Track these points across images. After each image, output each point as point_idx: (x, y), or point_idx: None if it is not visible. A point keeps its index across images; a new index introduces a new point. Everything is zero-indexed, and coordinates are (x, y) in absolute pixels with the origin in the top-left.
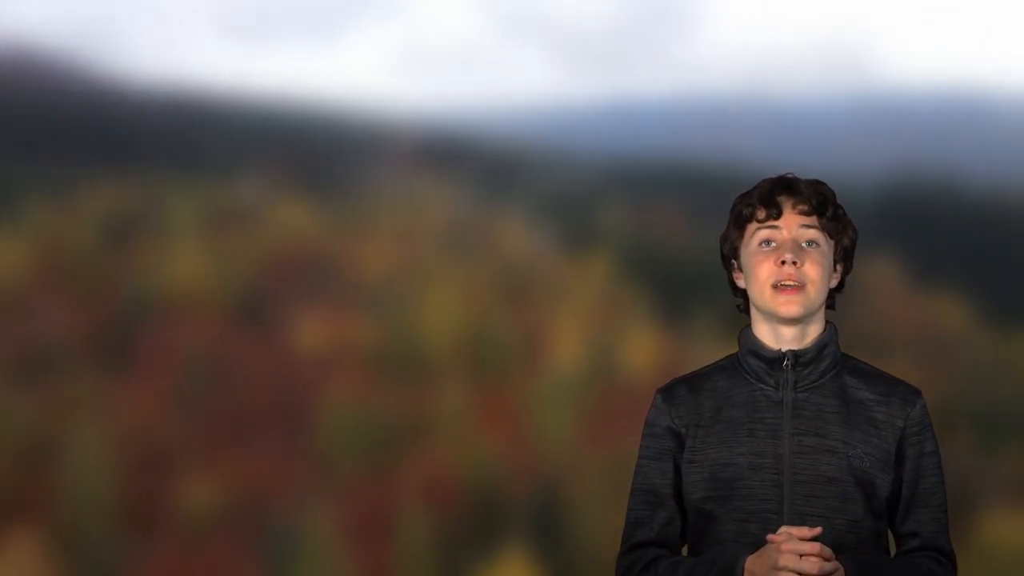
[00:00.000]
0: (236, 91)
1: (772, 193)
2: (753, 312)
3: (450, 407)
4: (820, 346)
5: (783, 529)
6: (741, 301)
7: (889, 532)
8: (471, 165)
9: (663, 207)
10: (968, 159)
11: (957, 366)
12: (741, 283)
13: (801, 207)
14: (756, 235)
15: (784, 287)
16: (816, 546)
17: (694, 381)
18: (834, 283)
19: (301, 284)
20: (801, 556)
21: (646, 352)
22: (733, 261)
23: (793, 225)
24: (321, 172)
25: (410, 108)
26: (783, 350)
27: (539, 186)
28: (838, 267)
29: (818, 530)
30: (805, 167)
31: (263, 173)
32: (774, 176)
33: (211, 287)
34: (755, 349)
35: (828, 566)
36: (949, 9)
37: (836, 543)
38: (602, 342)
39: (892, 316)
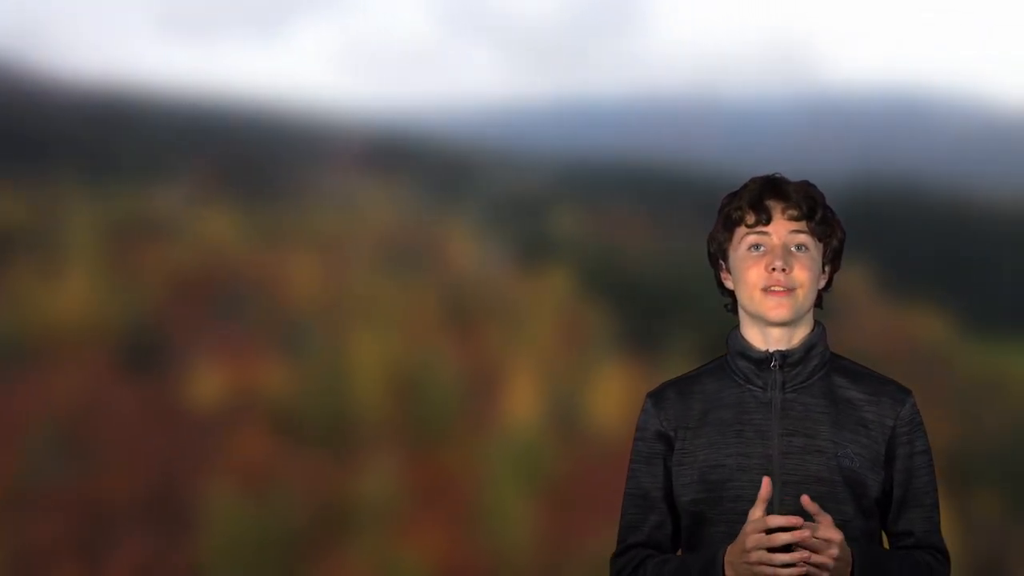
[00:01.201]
0: (167, 91)
1: (761, 197)
2: (741, 313)
3: (376, 489)
4: (808, 346)
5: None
6: (729, 301)
7: (881, 532)
8: (418, 169)
9: (620, 212)
10: (918, 160)
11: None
12: (729, 284)
13: (791, 212)
14: (745, 239)
15: (773, 291)
16: (782, 518)
17: (683, 384)
18: (822, 284)
19: (208, 316)
20: (770, 533)
21: (616, 395)
22: (721, 261)
23: (783, 231)
24: (253, 179)
25: (354, 109)
26: (771, 351)
27: (490, 190)
28: (826, 268)
29: (797, 520)
30: (759, 167)
31: (186, 180)
32: (762, 176)
33: (97, 321)
34: (743, 351)
35: (786, 537)
36: (899, 9)
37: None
38: (563, 386)
39: (859, 322)
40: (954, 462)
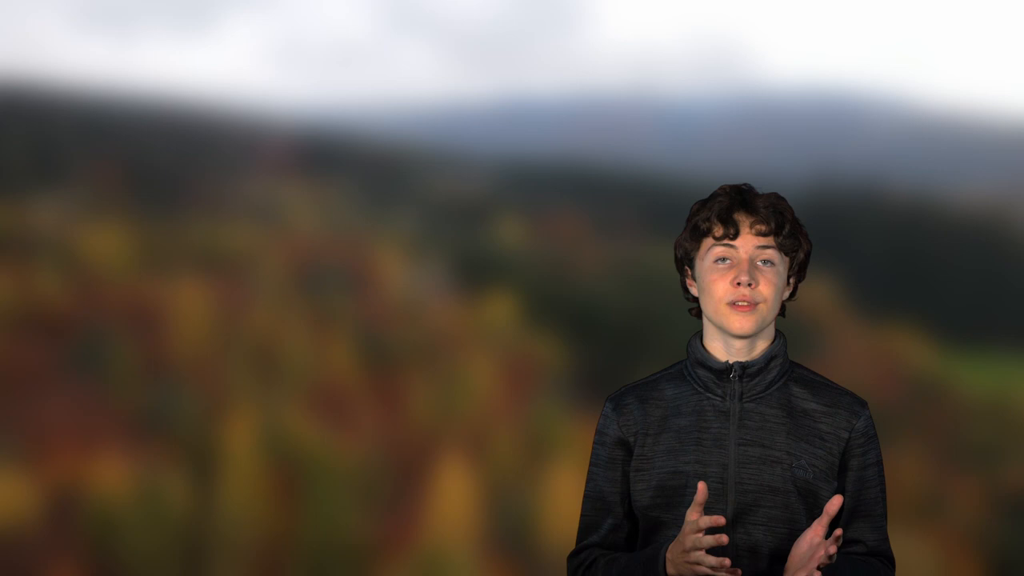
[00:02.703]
0: (73, 86)
1: (730, 210)
2: (705, 321)
3: None
4: (768, 358)
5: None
6: (694, 306)
7: None
8: (349, 173)
9: (563, 218)
10: (851, 158)
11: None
12: (694, 290)
13: (758, 227)
14: (712, 251)
15: (738, 306)
16: (708, 519)
17: (642, 390)
18: (786, 294)
19: (53, 365)
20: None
21: (576, 485)
22: (687, 268)
23: (750, 245)
24: (155, 187)
25: (281, 108)
26: (730, 362)
27: (426, 196)
28: (791, 280)
29: (720, 520)
30: (698, 167)
31: (77, 188)
32: (731, 186)
33: None
34: (703, 360)
35: (711, 540)
36: (833, 10)
37: (779, 551)
38: (508, 478)
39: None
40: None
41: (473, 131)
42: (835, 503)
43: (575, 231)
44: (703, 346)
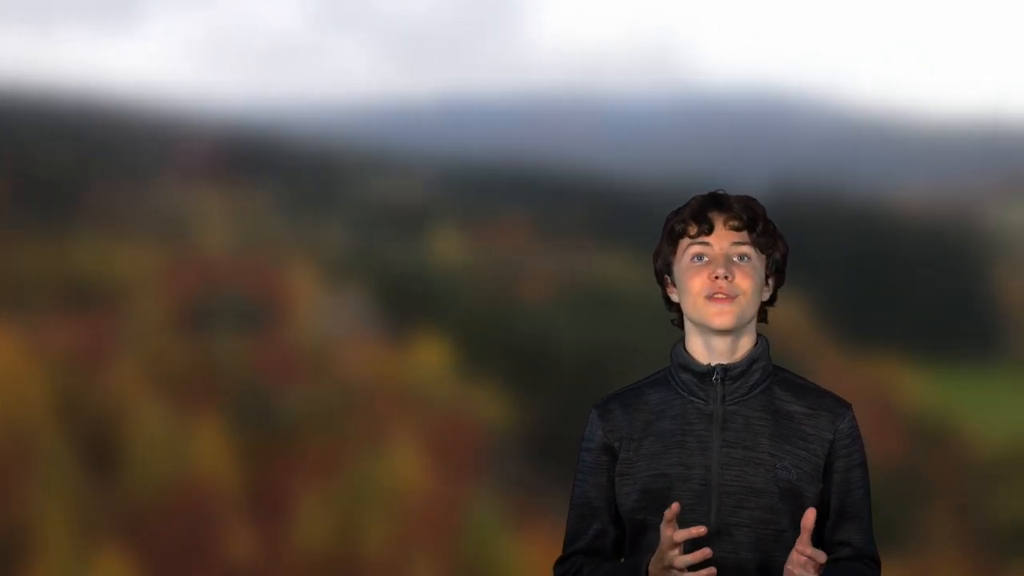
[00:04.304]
0: None
1: (704, 209)
2: (687, 325)
3: None
4: (750, 360)
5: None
6: (676, 316)
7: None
8: (274, 178)
9: (506, 228)
10: (788, 159)
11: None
12: (675, 297)
13: (732, 223)
14: (688, 250)
15: (716, 298)
16: (684, 532)
17: (627, 396)
18: (766, 296)
19: None
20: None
21: None
22: (666, 276)
23: (725, 240)
24: (44, 198)
25: (203, 107)
26: (713, 364)
27: (356, 203)
28: (770, 281)
29: (701, 530)
30: (637, 167)
31: None
32: (704, 193)
33: None
34: (686, 364)
35: (689, 558)
36: (772, 11)
37: (762, 552)
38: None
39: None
40: None
41: (410, 133)
42: (810, 516)
43: (519, 241)
44: (685, 350)
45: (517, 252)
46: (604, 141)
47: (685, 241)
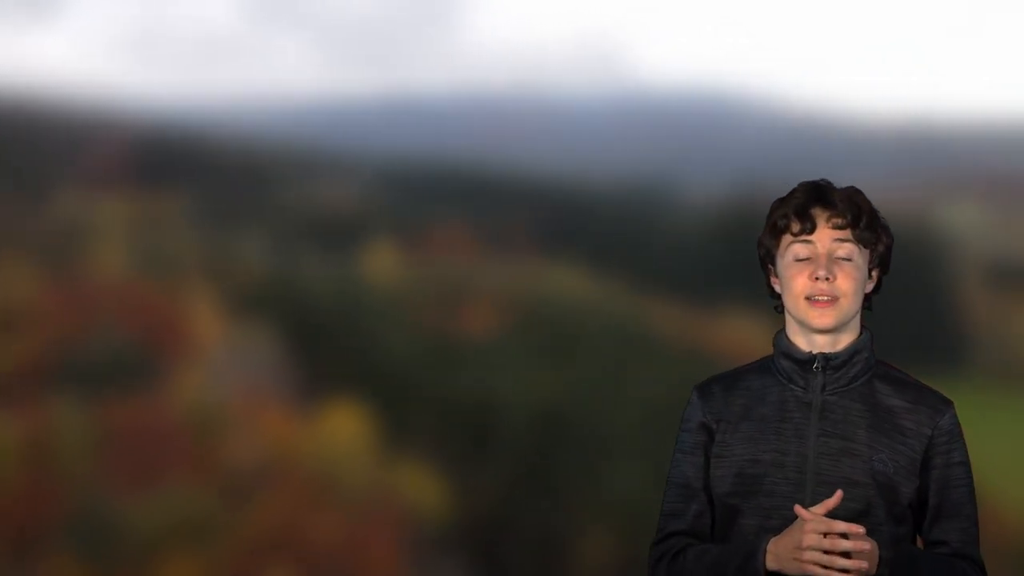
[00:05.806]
0: None
1: (807, 205)
2: (788, 317)
3: None
4: (852, 352)
5: (799, 511)
6: (778, 303)
7: (915, 538)
8: (191, 184)
9: (446, 236)
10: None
11: None
12: (778, 287)
13: (835, 220)
14: (791, 248)
15: (817, 301)
16: (843, 525)
17: (728, 379)
18: (869, 288)
19: None
20: (825, 536)
21: None
22: (769, 265)
23: (827, 239)
24: None
25: (124, 106)
26: (814, 353)
27: (284, 209)
28: (873, 273)
29: (838, 496)
30: (584, 167)
31: None
32: (809, 182)
33: None
34: (787, 351)
35: (847, 544)
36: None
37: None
38: None
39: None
40: None
41: (345, 134)
42: (836, 496)
43: (460, 255)
44: (787, 338)
45: (458, 267)
46: (548, 141)
47: (788, 237)
